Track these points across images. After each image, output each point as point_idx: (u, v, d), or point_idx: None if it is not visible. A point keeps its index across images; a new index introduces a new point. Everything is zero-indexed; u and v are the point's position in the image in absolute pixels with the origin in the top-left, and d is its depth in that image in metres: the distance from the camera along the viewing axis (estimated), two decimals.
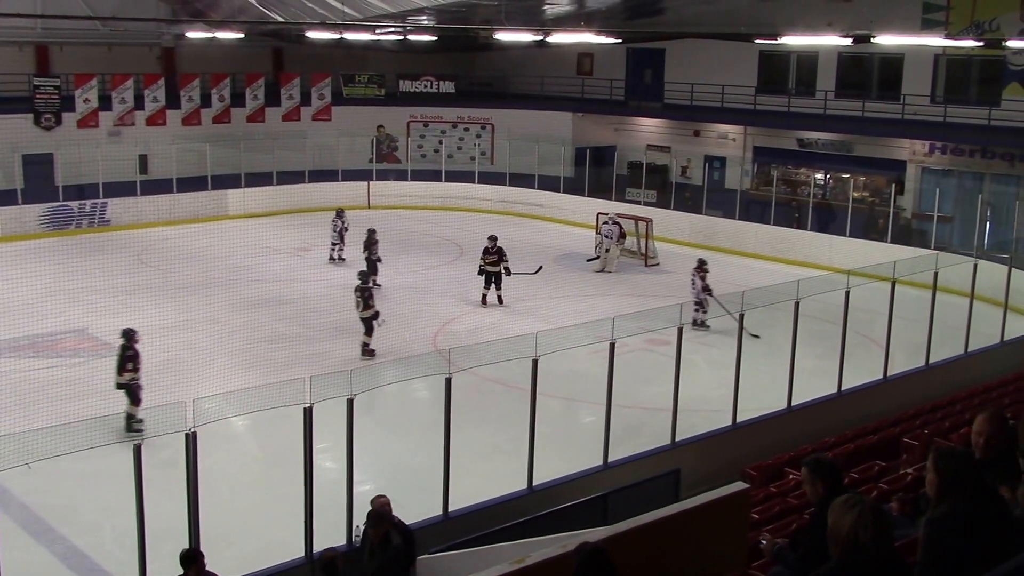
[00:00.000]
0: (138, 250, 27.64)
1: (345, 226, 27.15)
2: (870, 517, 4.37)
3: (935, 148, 30.33)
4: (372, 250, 24.40)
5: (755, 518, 9.81)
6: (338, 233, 27.13)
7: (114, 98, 34.21)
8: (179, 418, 9.48)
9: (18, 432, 13.78)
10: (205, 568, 9.19)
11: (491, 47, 38.41)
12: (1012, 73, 28.79)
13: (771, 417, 14.91)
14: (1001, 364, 17.83)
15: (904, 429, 13.60)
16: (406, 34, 32.06)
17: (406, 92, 40.28)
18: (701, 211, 31.50)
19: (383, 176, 36.71)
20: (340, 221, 27.28)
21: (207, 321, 21.32)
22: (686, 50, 35.16)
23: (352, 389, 10.57)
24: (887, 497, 9.67)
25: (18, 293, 19.28)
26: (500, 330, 19.47)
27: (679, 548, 6.85)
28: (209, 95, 36.48)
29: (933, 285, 16.93)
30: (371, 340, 19.35)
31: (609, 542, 6.26)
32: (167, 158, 32.71)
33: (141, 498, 9.58)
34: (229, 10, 32.97)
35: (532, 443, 12.27)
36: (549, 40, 33.35)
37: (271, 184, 33.91)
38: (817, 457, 6.62)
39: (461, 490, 11.92)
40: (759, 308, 15.01)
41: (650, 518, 6.77)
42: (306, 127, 37.71)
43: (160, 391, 16.13)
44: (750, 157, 34.85)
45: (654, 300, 19.78)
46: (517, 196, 35.22)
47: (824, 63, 32.96)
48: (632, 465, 13.21)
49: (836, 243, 27.71)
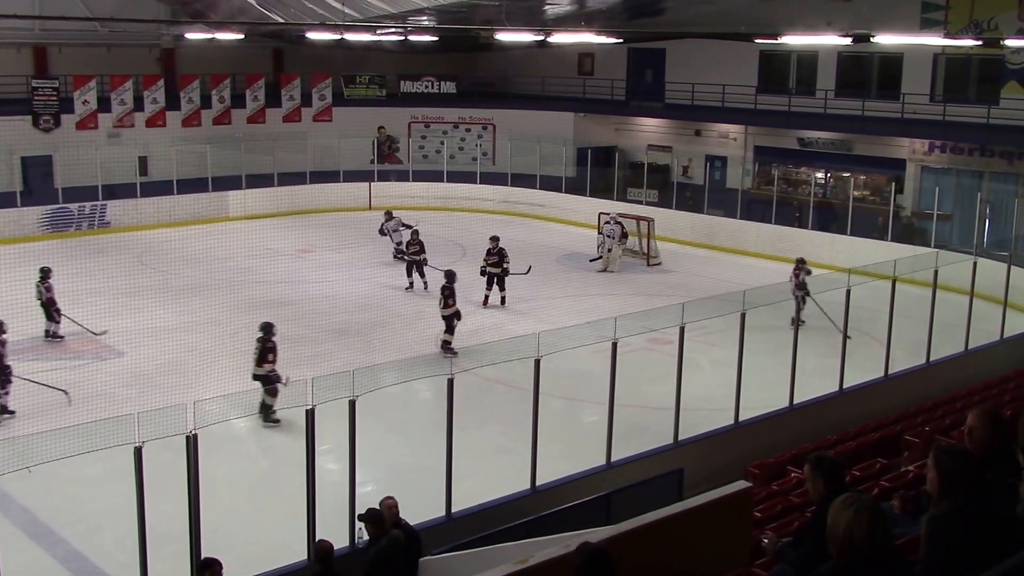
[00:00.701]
0: (138, 252, 27.65)
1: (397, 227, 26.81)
2: (866, 515, 4.39)
3: (934, 147, 30.34)
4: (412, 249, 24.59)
5: (758, 517, 9.82)
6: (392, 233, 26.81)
7: (113, 100, 34.19)
8: (180, 420, 9.47)
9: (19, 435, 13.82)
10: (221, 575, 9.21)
11: (492, 47, 38.39)
12: (1011, 72, 28.78)
13: (773, 416, 14.93)
14: (1001, 361, 17.85)
15: (905, 427, 13.62)
16: (407, 35, 32.07)
17: (407, 93, 40.28)
18: (702, 211, 31.54)
19: (384, 177, 36.69)
20: (392, 222, 26.99)
21: (208, 323, 21.31)
22: (687, 50, 35.17)
23: (354, 391, 10.56)
24: (888, 495, 9.66)
25: (18, 296, 19.28)
26: (502, 331, 19.49)
27: (682, 547, 6.85)
28: (209, 96, 36.48)
29: (933, 283, 16.94)
30: (452, 338, 19.39)
31: (613, 542, 6.26)
32: (167, 160, 32.68)
33: (142, 500, 9.57)
34: (229, 11, 32.96)
35: (535, 443, 12.27)
36: (550, 40, 33.37)
37: (272, 185, 33.86)
38: (819, 455, 6.61)
39: (464, 491, 11.93)
40: (761, 307, 15.00)
41: (653, 517, 6.77)
42: (307, 128, 37.69)
43: (161, 393, 16.18)
44: (751, 156, 34.85)
45: (656, 299, 19.79)
46: (519, 196, 35.22)
47: (824, 63, 32.97)
48: (635, 465, 13.22)
49: (837, 242, 27.72)
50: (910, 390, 16.22)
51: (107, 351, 19.55)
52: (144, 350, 19.24)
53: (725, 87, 33.89)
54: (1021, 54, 28.29)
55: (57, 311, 20.22)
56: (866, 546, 4.36)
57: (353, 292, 23.48)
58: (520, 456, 12.77)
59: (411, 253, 24.60)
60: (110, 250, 26.61)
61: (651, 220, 28.68)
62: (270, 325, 16.26)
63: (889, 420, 14.26)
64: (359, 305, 22.49)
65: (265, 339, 16.07)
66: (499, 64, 41.36)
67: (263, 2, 30.79)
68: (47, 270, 20.28)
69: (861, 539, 4.36)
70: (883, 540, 4.44)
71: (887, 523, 4.55)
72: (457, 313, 19.78)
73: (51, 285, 20.21)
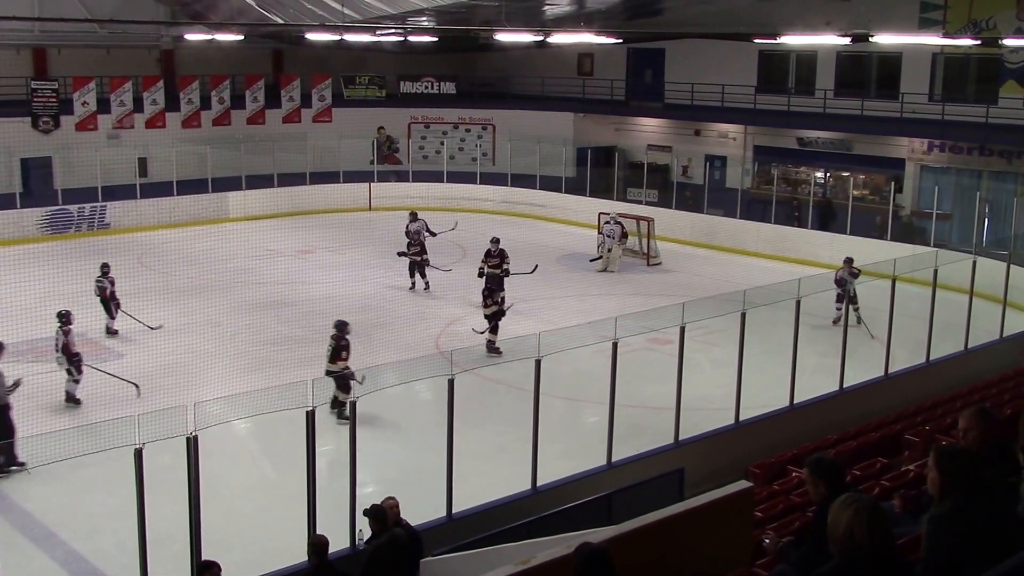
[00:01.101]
0: (138, 253, 27.64)
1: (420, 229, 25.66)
2: (865, 515, 4.41)
3: (933, 146, 30.35)
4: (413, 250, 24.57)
5: (759, 516, 9.82)
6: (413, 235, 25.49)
7: (113, 101, 34.17)
8: (180, 422, 9.46)
9: (18, 438, 13.80)
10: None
11: (491, 48, 38.42)
12: (1009, 71, 28.80)
13: (774, 415, 14.93)
14: (1001, 360, 17.85)
15: (905, 426, 13.63)
16: (406, 35, 32.08)
17: (407, 93, 40.29)
18: (702, 210, 31.54)
19: (384, 178, 36.70)
20: (417, 223, 25.89)
21: (208, 324, 21.31)
22: (686, 50, 35.19)
23: (355, 391, 10.56)
24: (889, 494, 9.67)
25: (18, 297, 19.27)
26: (503, 331, 19.46)
27: (684, 547, 6.86)
28: (209, 97, 36.48)
29: (933, 282, 16.94)
30: (496, 337, 19.34)
31: (614, 542, 6.27)
32: (167, 161, 32.64)
33: (142, 502, 9.56)
34: (228, 12, 32.97)
35: (536, 443, 12.27)
36: (549, 41, 33.39)
37: (272, 186, 33.83)
38: (819, 457, 6.61)
39: (465, 491, 11.93)
40: (761, 307, 15.00)
41: (655, 517, 6.78)
42: (307, 129, 37.68)
43: (161, 394, 16.17)
44: (750, 156, 34.88)
45: (657, 299, 19.78)
46: (519, 197, 35.21)
47: (823, 62, 32.99)
48: (636, 465, 13.22)
49: (837, 241, 27.71)
50: (910, 389, 16.21)
51: (107, 352, 19.53)
52: (144, 351, 19.21)
53: (724, 87, 33.91)
54: (1019, 53, 28.30)
55: (117, 305, 20.53)
56: (866, 546, 4.37)
57: (354, 293, 23.48)
58: (521, 456, 12.76)
59: (412, 253, 24.58)
60: (110, 252, 26.54)
61: (651, 220, 28.69)
62: (344, 323, 16.52)
63: (889, 419, 14.26)
64: (360, 306, 22.47)
65: (339, 336, 16.30)
66: (499, 64, 41.37)
67: (262, 3, 30.79)
68: (107, 265, 20.67)
69: (861, 539, 4.37)
70: (883, 540, 4.46)
71: (887, 523, 4.57)
72: (500, 312, 19.80)
73: (113, 279, 20.63)
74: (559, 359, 13.15)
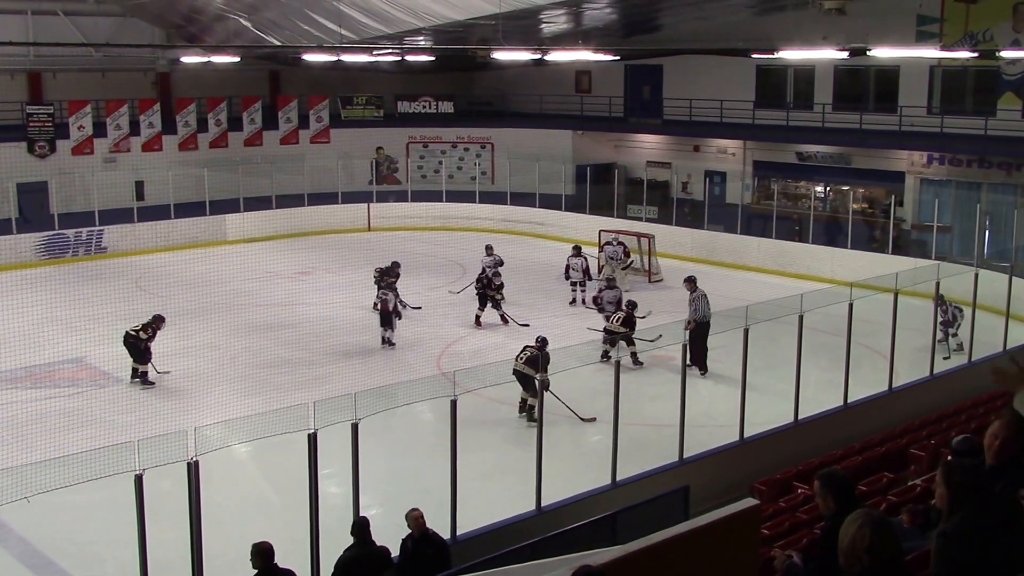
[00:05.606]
0: (136, 277, 27.56)
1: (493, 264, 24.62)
2: (869, 529, 4.41)
3: (933, 159, 30.33)
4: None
5: (765, 534, 9.73)
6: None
7: (109, 125, 34.14)
8: (180, 447, 9.37)
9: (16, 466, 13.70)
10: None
11: (489, 66, 38.42)
12: (1007, 83, 28.81)
13: (778, 431, 14.83)
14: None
15: (911, 440, 13.56)
16: (403, 55, 32.07)
17: (405, 113, 40.29)
18: (703, 226, 31.50)
19: (383, 198, 36.67)
20: (490, 259, 25.02)
21: (207, 347, 21.22)
22: (684, 66, 35.19)
23: (356, 413, 10.47)
24: (896, 509, 9.58)
25: (14, 323, 19.20)
26: (504, 350, 19.36)
27: (690, 566, 6.76)
28: (206, 120, 36.48)
29: (935, 295, 16.87)
30: (636, 348, 18.86)
31: (619, 562, 6.17)
32: (164, 184, 32.58)
33: (143, 529, 9.46)
34: (224, 34, 33.01)
35: (540, 463, 12.16)
36: (547, 58, 33.39)
37: (270, 208, 33.85)
38: (829, 471, 6.53)
39: (468, 513, 11.82)
40: (764, 322, 14.92)
41: (660, 537, 6.68)
42: (304, 150, 37.66)
43: (161, 419, 16.07)
44: (750, 171, 34.85)
45: (659, 316, 19.68)
46: (518, 215, 35.16)
47: (821, 77, 33.00)
48: (641, 483, 13.11)
49: (838, 255, 27.67)
50: (914, 403, 16.13)
51: (104, 378, 19.43)
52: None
53: (723, 102, 33.91)
54: (1017, 65, 28.32)
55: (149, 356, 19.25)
56: (874, 561, 4.36)
57: (353, 314, 23.39)
58: (525, 476, 12.66)
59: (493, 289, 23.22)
60: (107, 276, 26.53)
61: (652, 237, 28.66)
62: (544, 340, 16.77)
63: (894, 434, 14.18)
64: (359, 327, 22.39)
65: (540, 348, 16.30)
66: (496, 83, 41.42)
67: (259, 25, 30.85)
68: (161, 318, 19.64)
69: (863, 552, 4.37)
70: (891, 555, 4.45)
71: (895, 537, 4.57)
72: (630, 319, 19.49)
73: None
74: (562, 378, 13.07)
